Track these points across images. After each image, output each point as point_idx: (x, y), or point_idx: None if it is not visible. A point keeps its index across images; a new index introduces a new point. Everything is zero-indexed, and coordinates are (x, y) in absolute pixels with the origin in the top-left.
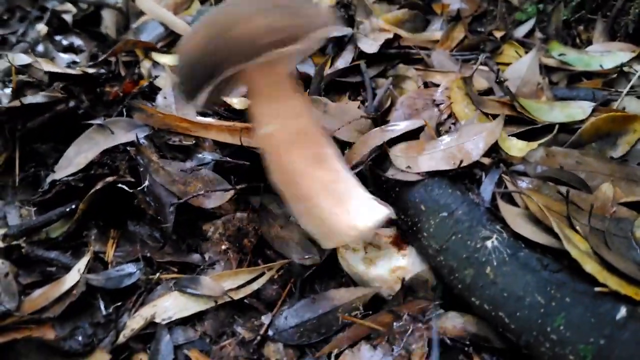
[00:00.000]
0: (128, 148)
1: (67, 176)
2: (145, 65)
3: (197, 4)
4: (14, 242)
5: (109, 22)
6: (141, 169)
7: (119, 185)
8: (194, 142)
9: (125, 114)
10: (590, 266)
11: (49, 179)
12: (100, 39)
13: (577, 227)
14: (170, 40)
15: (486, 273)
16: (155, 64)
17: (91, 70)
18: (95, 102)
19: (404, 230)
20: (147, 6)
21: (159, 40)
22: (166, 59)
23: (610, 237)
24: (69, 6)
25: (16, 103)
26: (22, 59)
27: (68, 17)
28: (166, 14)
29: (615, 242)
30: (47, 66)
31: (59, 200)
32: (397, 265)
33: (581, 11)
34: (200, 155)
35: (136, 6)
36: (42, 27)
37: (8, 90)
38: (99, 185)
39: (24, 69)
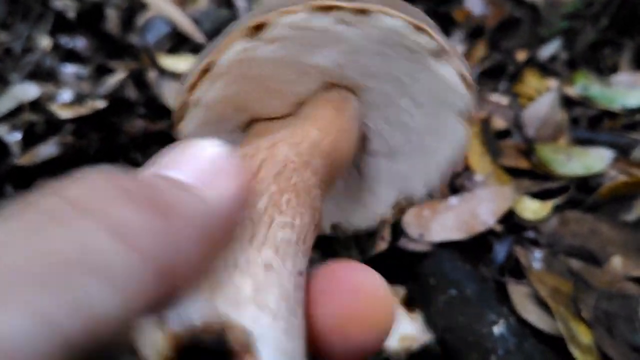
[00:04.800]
0: None
1: None
2: (151, 75)
3: None
4: None
5: (113, 20)
6: None
7: None
8: None
9: (141, 160)
10: None
11: None
12: (104, 38)
13: (583, 313)
14: (177, 41)
15: None
16: (162, 72)
17: (102, 105)
18: (107, 142)
19: (413, 297)
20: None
21: (166, 41)
22: (173, 63)
23: (615, 321)
24: (70, 3)
25: (29, 161)
26: (31, 92)
27: (71, 14)
28: (173, 11)
29: (619, 326)
30: (63, 113)
31: None
32: (406, 334)
33: (609, 33)
34: None
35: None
36: (47, 43)
37: (18, 135)
38: None
39: (34, 109)
